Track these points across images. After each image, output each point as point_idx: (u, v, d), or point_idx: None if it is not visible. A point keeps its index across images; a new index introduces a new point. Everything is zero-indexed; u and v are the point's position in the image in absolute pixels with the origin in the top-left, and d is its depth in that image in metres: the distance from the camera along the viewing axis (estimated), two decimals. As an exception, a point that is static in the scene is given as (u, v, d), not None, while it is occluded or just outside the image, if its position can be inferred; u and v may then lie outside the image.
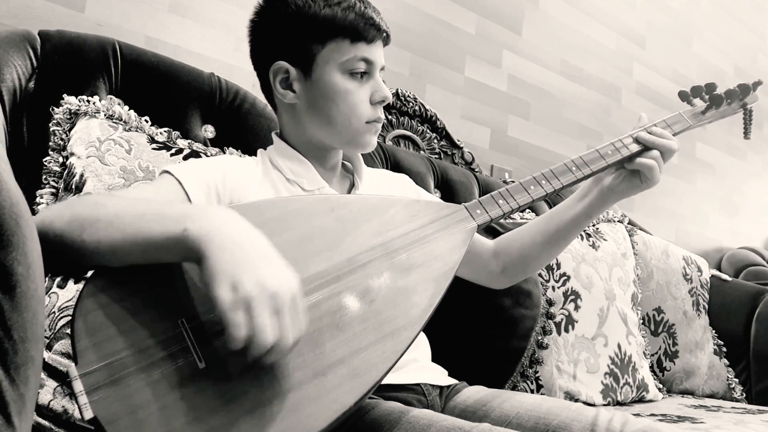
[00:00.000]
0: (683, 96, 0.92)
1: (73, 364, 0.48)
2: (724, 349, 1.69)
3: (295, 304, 0.49)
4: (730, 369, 1.67)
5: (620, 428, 0.65)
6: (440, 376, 0.84)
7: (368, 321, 0.57)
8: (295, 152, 0.83)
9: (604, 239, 1.46)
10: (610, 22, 2.18)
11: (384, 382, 0.73)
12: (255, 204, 0.66)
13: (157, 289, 0.54)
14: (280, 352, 0.48)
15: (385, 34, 0.79)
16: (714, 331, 1.72)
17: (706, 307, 1.73)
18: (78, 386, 0.47)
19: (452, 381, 0.85)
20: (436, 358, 0.89)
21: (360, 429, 0.63)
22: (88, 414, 0.46)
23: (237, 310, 0.46)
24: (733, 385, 1.65)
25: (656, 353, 1.60)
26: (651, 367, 1.55)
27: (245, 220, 0.53)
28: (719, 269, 2.35)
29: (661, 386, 1.52)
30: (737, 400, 1.62)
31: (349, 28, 0.76)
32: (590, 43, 2.11)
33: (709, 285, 1.77)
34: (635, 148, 0.83)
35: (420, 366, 0.81)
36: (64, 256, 0.54)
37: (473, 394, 0.80)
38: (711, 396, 1.63)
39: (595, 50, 2.12)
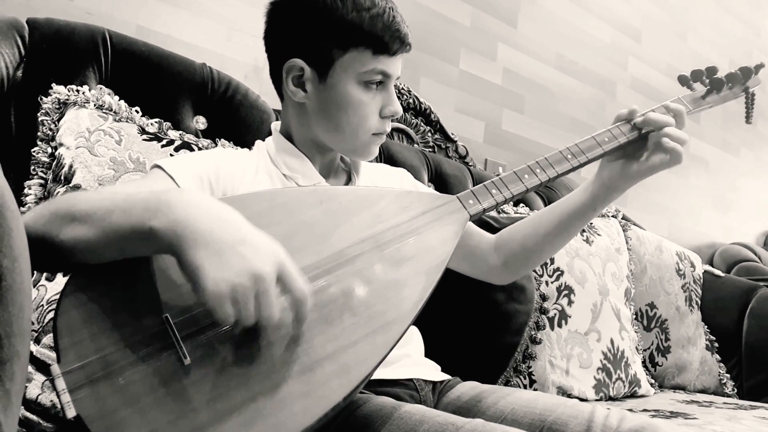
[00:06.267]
0: (683, 80, 0.88)
1: (55, 362, 0.47)
2: (716, 345, 1.70)
3: (284, 274, 0.49)
4: (721, 364, 1.68)
5: (617, 425, 0.65)
6: (433, 372, 0.83)
7: (358, 315, 0.56)
8: (293, 147, 0.82)
9: (598, 234, 1.45)
10: (606, 15, 2.17)
11: (376, 377, 0.72)
12: (241, 197, 0.64)
13: (140, 285, 0.53)
14: (271, 327, 0.49)
15: (408, 47, 0.78)
16: (706, 327, 1.72)
17: (699, 302, 1.74)
18: (60, 384, 0.46)
19: (445, 376, 0.84)
20: (429, 353, 0.89)
21: (351, 424, 0.62)
22: (71, 412, 0.45)
23: (224, 305, 0.47)
24: (724, 381, 1.65)
25: (649, 348, 1.61)
26: (643, 362, 1.56)
27: (212, 200, 0.52)
28: (712, 265, 2.35)
29: (653, 381, 1.52)
30: (728, 396, 1.63)
31: (374, 38, 0.74)
32: (586, 36, 2.10)
33: (701, 280, 1.78)
34: (633, 135, 0.81)
35: (413, 361, 0.81)
36: (48, 255, 0.53)
37: (467, 390, 0.80)
38: (702, 391, 1.63)
39: (590, 44, 2.12)
